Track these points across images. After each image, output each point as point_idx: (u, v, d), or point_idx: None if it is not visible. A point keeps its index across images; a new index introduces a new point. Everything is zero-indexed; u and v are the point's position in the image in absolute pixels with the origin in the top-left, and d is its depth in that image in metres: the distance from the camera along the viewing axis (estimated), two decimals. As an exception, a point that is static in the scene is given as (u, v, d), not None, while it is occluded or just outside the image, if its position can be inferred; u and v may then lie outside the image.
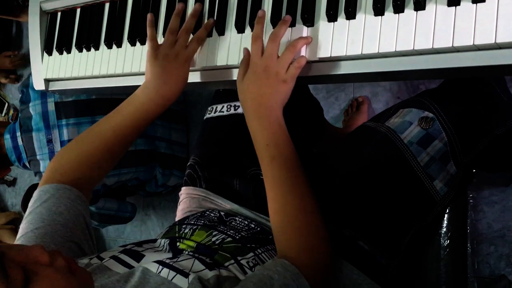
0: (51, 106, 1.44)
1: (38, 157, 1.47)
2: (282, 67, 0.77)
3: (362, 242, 0.81)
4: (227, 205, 0.93)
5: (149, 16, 0.93)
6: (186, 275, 0.63)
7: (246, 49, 0.83)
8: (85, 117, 1.47)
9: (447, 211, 0.87)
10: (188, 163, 1.05)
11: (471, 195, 0.92)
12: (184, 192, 1.03)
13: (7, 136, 1.47)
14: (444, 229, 0.88)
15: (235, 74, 0.88)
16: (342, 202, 0.82)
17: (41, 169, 1.48)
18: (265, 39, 0.81)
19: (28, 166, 1.52)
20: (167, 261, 0.67)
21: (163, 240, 0.80)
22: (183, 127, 1.96)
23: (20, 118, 1.48)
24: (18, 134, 1.47)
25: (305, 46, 0.78)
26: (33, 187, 2.13)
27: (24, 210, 2.04)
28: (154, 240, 0.80)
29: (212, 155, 1.01)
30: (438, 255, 0.89)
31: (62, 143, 1.44)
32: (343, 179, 0.84)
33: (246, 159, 0.96)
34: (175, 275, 0.63)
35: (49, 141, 1.45)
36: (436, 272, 0.89)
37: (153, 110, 0.87)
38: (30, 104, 1.46)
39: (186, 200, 1.00)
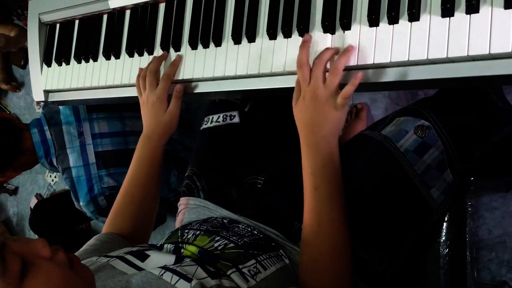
0: None
1: (68, 150, 1.45)
2: (330, 93, 0.73)
3: (360, 250, 0.81)
4: (226, 214, 0.93)
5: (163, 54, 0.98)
6: (189, 280, 0.64)
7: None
8: (114, 112, 1.47)
9: (446, 219, 0.87)
10: (186, 174, 1.05)
11: (469, 203, 0.92)
12: (182, 202, 1.03)
13: (34, 130, 1.43)
14: (443, 238, 0.88)
15: (232, 85, 0.89)
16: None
17: (70, 164, 1.45)
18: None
19: (55, 163, 1.51)
20: (171, 266, 0.68)
21: (168, 246, 0.81)
22: (189, 133, 1.96)
23: (45, 113, 1.45)
24: (46, 128, 1.44)
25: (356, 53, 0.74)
26: (38, 207, 2.12)
27: (33, 229, 2.06)
28: (161, 247, 0.81)
29: (210, 165, 1.01)
30: (437, 263, 0.88)
31: (94, 136, 1.44)
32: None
33: (243, 168, 0.96)
34: (178, 280, 0.64)
35: (81, 134, 1.44)
36: (435, 280, 0.89)
37: (161, 142, 0.99)
38: None
39: (185, 210, 1.01)
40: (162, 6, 0.99)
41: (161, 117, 0.96)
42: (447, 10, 0.66)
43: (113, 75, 1.04)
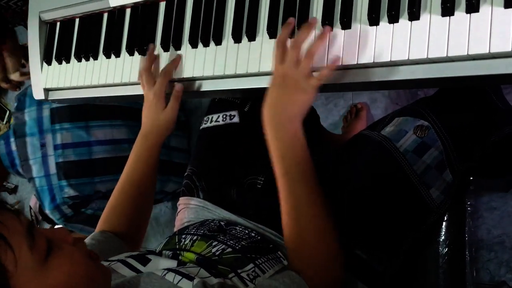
0: (46, 112, 1.48)
1: (30, 161, 1.49)
2: (301, 75, 0.74)
3: (359, 250, 0.81)
4: (225, 215, 0.93)
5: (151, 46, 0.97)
6: (191, 278, 0.64)
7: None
8: (79, 122, 1.50)
9: (445, 219, 0.87)
10: (186, 173, 1.05)
11: (469, 203, 0.92)
12: (181, 202, 1.03)
13: (1, 142, 1.51)
14: (442, 237, 0.88)
15: (232, 83, 0.89)
16: (338, 211, 0.82)
17: (34, 174, 1.50)
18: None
19: (21, 173, 1.53)
20: (173, 268, 0.68)
21: (166, 252, 0.81)
22: (183, 133, 1.97)
23: (14, 125, 1.53)
24: (12, 139, 1.51)
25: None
26: None
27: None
28: (159, 254, 0.81)
29: (209, 165, 1.01)
30: (436, 263, 0.89)
31: (56, 147, 1.48)
32: (339, 188, 0.84)
33: (243, 168, 0.96)
34: (180, 279, 0.64)
35: (43, 145, 1.49)
36: (434, 280, 0.89)
37: (157, 141, 0.97)
38: (26, 111, 1.50)
39: (184, 210, 1.00)
40: (162, 5, 0.99)
41: (158, 116, 0.95)
42: (447, 9, 0.67)
43: (113, 74, 1.04)
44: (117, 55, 1.04)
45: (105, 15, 1.08)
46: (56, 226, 2.42)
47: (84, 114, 1.49)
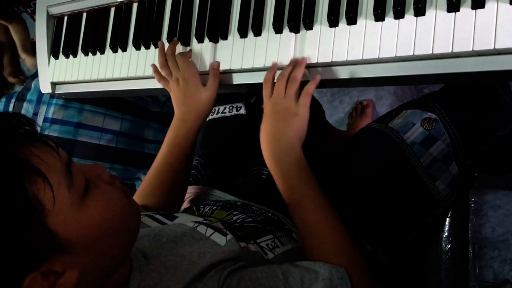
0: None
1: None
2: (290, 101, 0.76)
3: (364, 242, 0.82)
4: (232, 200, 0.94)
5: (160, 43, 0.95)
6: (224, 233, 0.64)
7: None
8: (73, 102, 1.56)
9: (449, 215, 0.88)
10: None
11: (472, 199, 0.92)
12: (188, 191, 1.03)
13: (2, 100, 1.60)
14: (446, 233, 0.88)
15: (237, 79, 0.89)
16: (345, 202, 0.82)
17: None
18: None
19: None
20: (204, 221, 0.68)
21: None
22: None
23: (22, 89, 1.59)
24: (13, 100, 1.57)
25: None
26: None
27: None
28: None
29: (215, 156, 1.02)
30: (439, 259, 0.89)
31: (45, 120, 1.53)
32: (345, 179, 0.85)
33: (248, 159, 0.96)
34: (213, 232, 0.64)
35: (35, 114, 1.56)
36: (437, 275, 0.89)
37: (195, 124, 0.90)
38: (36, 79, 1.57)
39: (190, 198, 1.01)
40: (169, 0, 1.00)
41: (198, 95, 0.87)
42: (453, 5, 0.67)
43: (120, 68, 1.05)
44: (124, 49, 1.05)
45: (112, 10, 1.08)
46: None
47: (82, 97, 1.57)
